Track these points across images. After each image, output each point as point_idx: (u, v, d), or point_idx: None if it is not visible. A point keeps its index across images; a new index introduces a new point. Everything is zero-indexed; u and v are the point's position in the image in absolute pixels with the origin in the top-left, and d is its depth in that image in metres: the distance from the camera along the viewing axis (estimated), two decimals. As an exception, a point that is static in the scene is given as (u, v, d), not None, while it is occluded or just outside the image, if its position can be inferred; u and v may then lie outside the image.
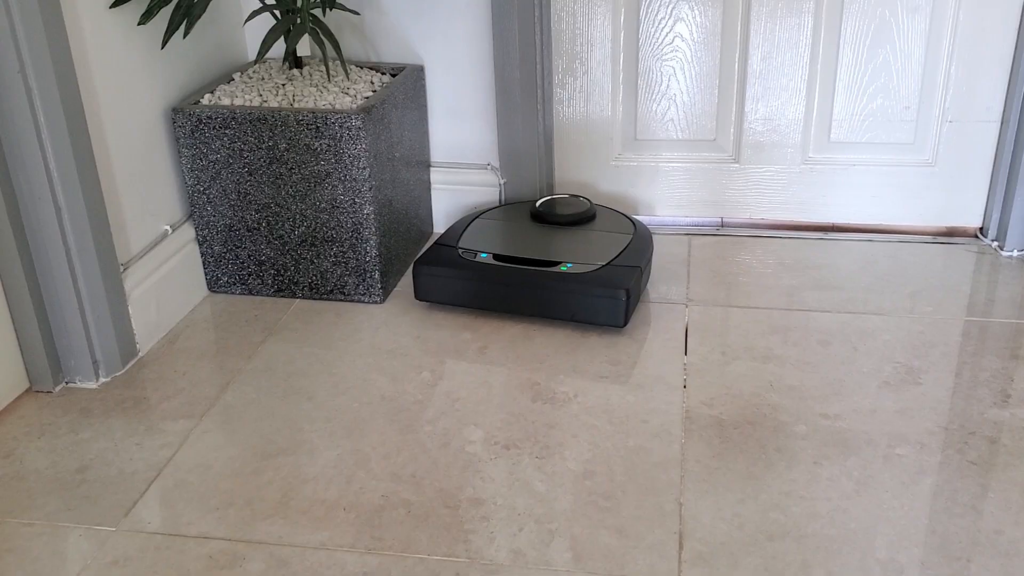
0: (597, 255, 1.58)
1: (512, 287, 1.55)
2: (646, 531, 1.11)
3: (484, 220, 1.73)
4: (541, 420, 1.32)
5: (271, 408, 1.36)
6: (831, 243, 1.83)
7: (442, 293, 1.60)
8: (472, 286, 1.58)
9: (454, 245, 1.64)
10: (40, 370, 1.40)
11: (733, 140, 1.87)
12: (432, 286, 1.60)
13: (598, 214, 1.72)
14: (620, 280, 1.51)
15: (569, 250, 1.60)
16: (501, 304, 1.58)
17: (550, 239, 1.64)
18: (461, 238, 1.66)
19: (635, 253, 1.59)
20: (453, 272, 1.58)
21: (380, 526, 1.13)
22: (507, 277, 1.55)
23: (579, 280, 1.52)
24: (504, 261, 1.58)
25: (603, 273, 1.53)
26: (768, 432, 1.28)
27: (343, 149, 1.53)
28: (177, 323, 1.60)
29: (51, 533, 1.14)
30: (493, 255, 1.59)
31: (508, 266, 1.56)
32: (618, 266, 1.54)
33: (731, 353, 1.47)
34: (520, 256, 1.58)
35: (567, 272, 1.53)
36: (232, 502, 1.18)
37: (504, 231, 1.68)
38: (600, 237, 1.64)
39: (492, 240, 1.65)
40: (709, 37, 1.79)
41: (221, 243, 1.64)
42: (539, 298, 1.54)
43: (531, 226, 1.70)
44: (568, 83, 1.86)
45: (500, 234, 1.67)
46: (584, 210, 1.71)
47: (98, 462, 1.26)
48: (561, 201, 1.75)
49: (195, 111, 1.55)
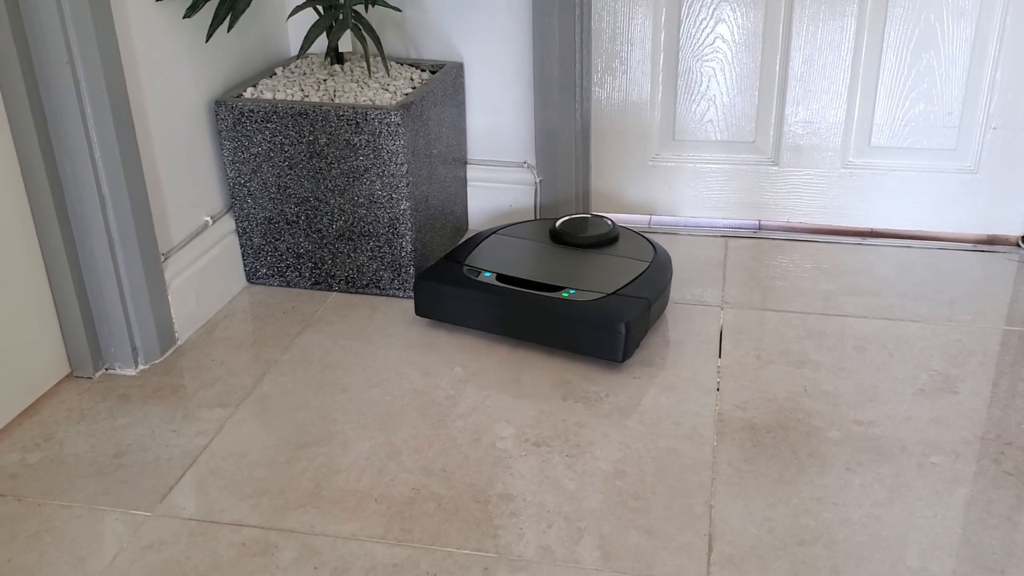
0: (605, 283, 1.48)
1: (510, 310, 1.47)
2: (675, 532, 1.11)
3: (501, 236, 1.65)
4: (572, 419, 1.32)
5: (306, 399, 1.38)
6: (869, 248, 1.82)
7: (441, 311, 1.53)
8: (470, 306, 1.50)
9: (461, 261, 1.56)
10: (81, 356, 1.42)
11: (772, 142, 1.86)
12: (431, 303, 1.54)
13: (620, 237, 1.63)
14: (621, 312, 1.41)
15: (577, 275, 1.51)
16: (499, 327, 1.49)
17: (562, 262, 1.55)
18: (471, 254, 1.58)
19: (647, 283, 1.49)
20: (453, 290, 1.51)
21: (410, 518, 1.14)
22: (505, 300, 1.47)
23: (578, 309, 1.43)
24: (507, 282, 1.50)
25: (606, 303, 1.43)
26: (801, 437, 1.27)
27: (382, 145, 1.54)
28: (216, 313, 1.62)
29: (88, 516, 1.16)
30: (497, 275, 1.51)
31: (508, 288, 1.48)
32: (625, 296, 1.45)
33: (765, 357, 1.46)
34: (524, 278, 1.50)
35: (568, 299, 1.44)
36: (266, 490, 1.19)
37: (517, 250, 1.60)
38: (615, 263, 1.55)
39: (501, 259, 1.57)
40: (750, 39, 1.79)
41: (260, 235, 1.66)
42: (536, 324, 1.45)
43: (547, 246, 1.61)
44: (607, 82, 1.86)
45: (512, 253, 1.59)
46: (604, 232, 1.61)
47: (135, 448, 1.28)
48: (582, 221, 1.66)
49: (237, 104, 1.57)
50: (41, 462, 1.25)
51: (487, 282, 1.51)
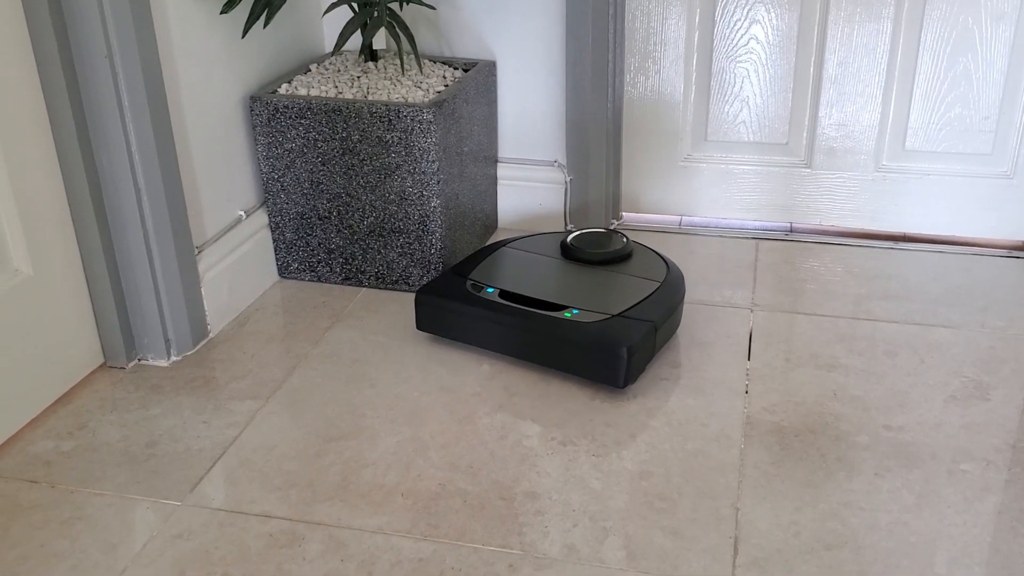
0: (612, 303, 1.41)
1: (510, 329, 1.41)
2: (701, 534, 1.11)
3: (510, 249, 1.59)
4: (599, 418, 1.32)
5: (335, 393, 1.39)
6: (901, 253, 1.80)
7: (442, 326, 1.49)
8: (470, 323, 1.45)
9: (466, 275, 1.51)
10: (114, 346, 1.44)
11: (805, 145, 1.85)
12: (431, 317, 1.49)
13: (633, 254, 1.56)
14: (624, 336, 1.34)
15: (583, 294, 1.44)
16: (499, 345, 1.44)
17: (569, 279, 1.49)
18: (477, 268, 1.53)
19: (655, 305, 1.42)
20: (454, 305, 1.46)
21: (436, 513, 1.15)
22: (505, 317, 1.41)
23: (580, 330, 1.36)
24: (509, 299, 1.44)
25: (609, 325, 1.37)
26: (829, 441, 1.27)
27: (413, 142, 1.55)
28: (247, 306, 1.64)
29: (120, 504, 1.17)
30: (500, 291, 1.46)
31: (510, 305, 1.42)
32: (630, 318, 1.37)
33: (795, 360, 1.45)
34: (528, 295, 1.44)
35: (570, 319, 1.38)
36: (294, 483, 1.20)
37: (526, 264, 1.54)
38: (624, 281, 1.48)
39: (507, 273, 1.51)
40: (785, 40, 1.78)
41: (293, 230, 1.68)
42: (537, 344, 1.40)
43: (556, 262, 1.54)
44: (640, 82, 1.86)
45: (520, 267, 1.53)
46: (616, 249, 1.55)
47: (167, 438, 1.30)
48: (595, 236, 1.59)
49: (272, 100, 1.58)
50: (74, 450, 1.27)
51: (489, 298, 1.45)
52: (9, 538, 1.12)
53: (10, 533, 1.12)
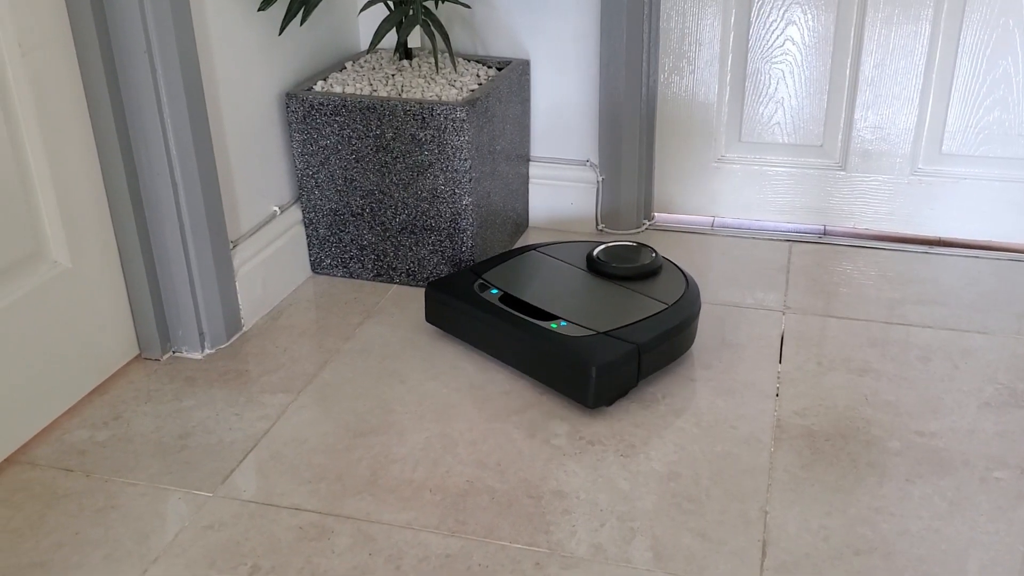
0: (605, 320, 1.37)
1: (498, 332, 1.41)
2: (729, 536, 1.11)
3: (538, 254, 1.57)
4: (628, 419, 1.32)
5: (365, 388, 1.40)
6: (936, 257, 1.78)
7: (446, 322, 1.50)
8: (468, 322, 1.45)
9: (480, 274, 1.51)
10: (150, 338, 1.46)
11: (840, 147, 1.84)
12: (437, 312, 1.50)
13: (657, 272, 1.50)
14: (598, 355, 1.29)
15: (582, 307, 1.41)
16: (490, 348, 1.44)
17: (579, 290, 1.46)
18: (494, 269, 1.52)
19: (649, 327, 1.35)
20: (456, 302, 1.46)
21: (464, 510, 1.15)
22: (496, 321, 1.40)
23: (559, 343, 1.33)
24: (508, 303, 1.43)
25: (589, 342, 1.32)
26: (860, 446, 1.26)
27: (446, 140, 1.56)
28: (281, 301, 1.65)
29: (153, 494, 1.19)
30: (504, 294, 1.45)
31: (504, 310, 1.41)
32: (614, 337, 1.32)
33: (827, 364, 1.44)
34: (527, 301, 1.42)
35: (555, 331, 1.35)
36: (324, 476, 1.21)
37: (543, 271, 1.52)
38: (632, 299, 1.42)
39: (520, 278, 1.49)
40: (821, 42, 1.76)
41: (326, 226, 1.69)
42: (520, 351, 1.38)
43: (576, 272, 1.51)
44: (674, 82, 1.85)
45: (536, 273, 1.51)
46: (639, 265, 1.50)
47: (199, 430, 1.31)
48: (623, 250, 1.54)
49: (308, 97, 1.59)
50: (109, 440, 1.29)
51: (489, 300, 1.44)
52: (45, 525, 1.14)
53: (46, 520, 1.14)
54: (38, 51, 1.22)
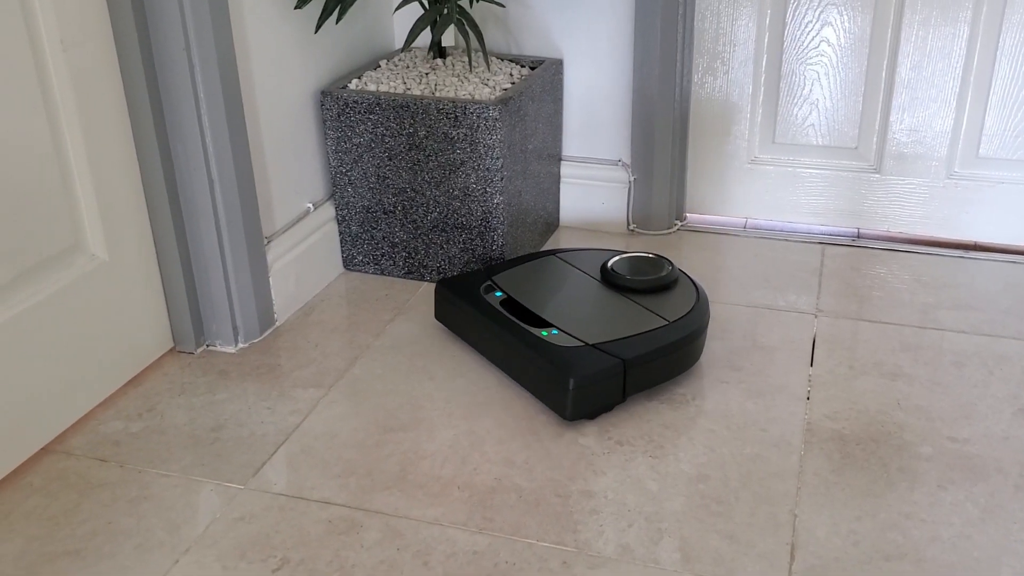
0: (598, 331, 1.34)
1: (491, 335, 1.40)
2: (758, 539, 1.10)
3: (557, 259, 1.55)
4: (657, 420, 1.32)
5: (395, 384, 1.41)
6: (971, 262, 1.76)
7: (450, 320, 1.50)
8: (467, 322, 1.46)
9: (491, 275, 1.50)
10: (184, 332, 1.48)
11: (875, 150, 1.82)
12: (444, 309, 1.51)
13: (669, 286, 1.45)
14: (579, 367, 1.27)
15: (579, 317, 1.38)
16: (485, 350, 1.44)
17: (584, 300, 1.43)
18: (506, 271, 1.51)
19: (644, 343, 1.32)
20: (460, 301, 1.46)
21: (492, 507, 1.15)
22: (490, 323, 1.40)
23: (544, 351, 1.31)
24: (509, 306, 1.42)
25: (574, 353, 1.29)
26: (891, 451, 1.25)
27: (479, 139, 1.56)
28: (313, 297, 1.66)
29: (185, 485, 1.21)
30: (507, 298, 1.44)
31: (500, 313, 1.41)
32: (603, 351, 1.29)
33: (858, 368, 1.43)
34: (526, 307, 1.41)
35: (543, 339, 1.33)
36: (353, 471, 1.22)
37: (555, 277, 1.50)
38: (635, 313, 1.39)
39: (528, 282, 1.48)
40: (857, 43, 1.75)
41: (358, 223, 1.70)
42: (508, 356, 1.38)
43: (588, 281, 1.48)
44: (708, 82, 1.84)
45: (548, 279, 1.49)
46: (650, 279, 1.45)
47: (232, 423, 1.33)
48: (638, 263, 1.50)
49: (342, 95, 1.61)
50: (143, 431, 1.31)
51: (491, 302, 1.43)
52: (80, 513, 1.16)
53: (81, 509, 1.16)
54: (79, 48, 1.24)
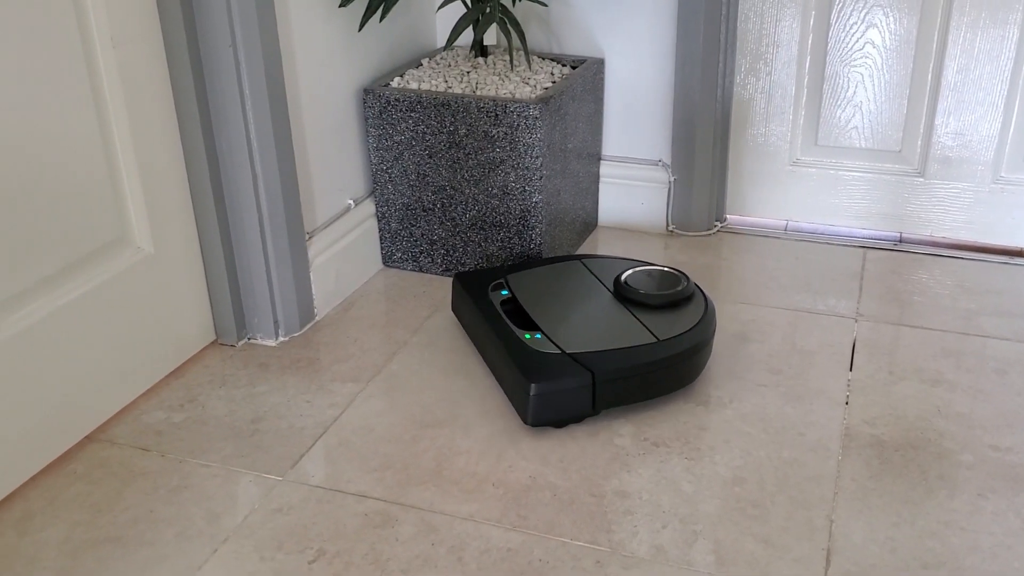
0: (582, 341, 1.31)
1: (483, 333, 1.40)
2: (793, 543, 1.10)
3: (578, 264, 1.52)
4: (693, 422, 1.31)
5: (431, 381, 1.42)
6: (1016, 268, 1.73)
7: (460, 313, 1.51)
8: (470, 317, 1.46)
9: (505, 273, 1.50)
10: (226, 325, 1.50)
11: (920, 153, 1.80)
12: (456, 303, 1.52)
13: (672, 304, 1.40)
14: (545, 375, 1.25)
15: (571, 324, 1.36)
16: (479, 347, 1.44)
17: (583, 308, 1.40)
18: (522, 271, 1.51)
19: (623, 358, 1.28)
20: (467, 296, 1.46)
21: (526, 505, 1.16)
22: (484, 321, 1.39)
23: (517, 352, 1.30)
24: (507, 306, 1.42)
25: (546, 359, 1.28)
26: (931, 458, 1.23)
27: (519, 137, 1.57)
28: (352, 292, 1.68)
29: (224, 476, 1.22)
30: (511, 297, 1.43)
31: (495, 311, 1.40)
32: (577, 361, 1.27)
33: (899, 373, 1.42)
34: (524, 308, 1.40)
35: (524, 342, 1.31)
36: (390, 465, 1.23)
37: (568, 282, 1.47)
38: (629, 327, 1.35)
39: (538, 285, 1.47)
40: (902, 45, 1.73)
41: (398, 220, 1.71)
42: (491, 355, 1.38)
43: (599, 290, 1.45)
44: (750, 83, 1.83)
45: (558, 283, 1.47)
46: (654, 294, 1.40)
47: (271, 415, 1.34)
48: (653, 277, 1.45)
49: (384, 93, 1.62)
50: (184, 422, 1.33)
51: (492, 300, 1.43)
52: (122, 501, 1.18)
53: (123, 497, 1.19)
54: (129, 45, 1.27)
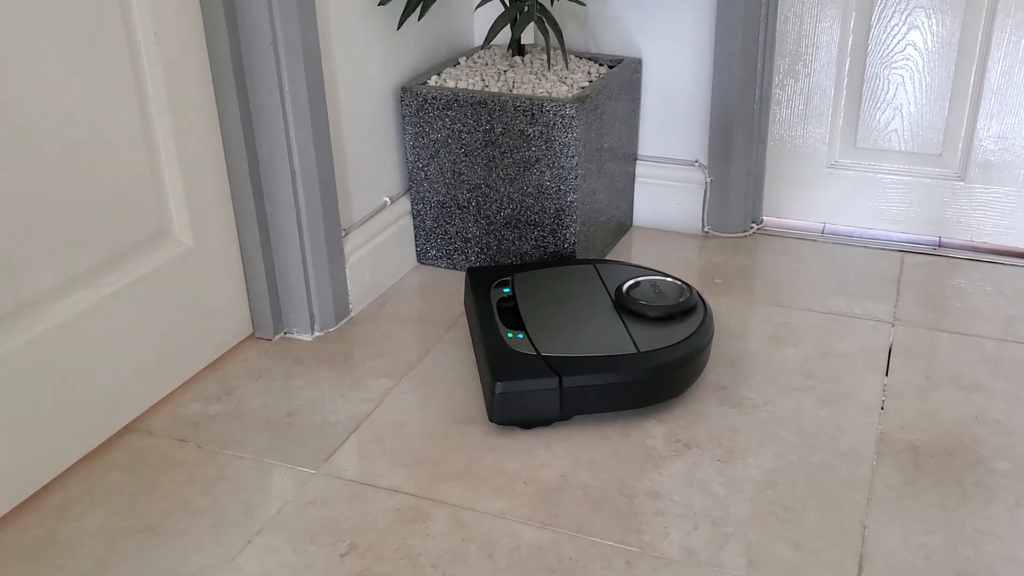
0: (561, 345, 1.31)
1: (473, 328, 1.41)
2: (825, 548, 1.09)
3: (591, 267, 1.51)
4: (726, 424, 1.31)
5: (463, 378, 1.42)
6: (1060, 275, 1.71)
7: (465, 307, 1.54)
8: (470, 311, 1.46)
9: (513, 271, 1.51)
10: (263, 319, 1.52)
11: (960, 157, 1.78)
12: (465, 297, 1.54)
13: (666, 318, 1.36)
14: (511, 375, 1.25)
15: (558, 328, 1.35)
16: (472, 342, 1.44)
17: (577, 313, 1.39)
18: (532, 271, 1.51)
19: (594, 366, 1.28)
20: (471, 292, 1.48)
21: (557, 504, 1.16)
22: (475, 316, 1.40)
23: (493, 351, 1.30)
24: (503, 304, 1.42)
25: (517, 359, 1.28)
26: (967, 465, 1.22)
27: (555, 136, 1.57)
28: (387, 289, 1.69)
29: (259, 468, 1.24)
30: (510, 296, 1.44)
31: (490, 308, 1.41)
32: (546, 363, 1.27)
33: (935, 379, 1.40)
34: (518, 307, 1.40)
35: (503, 340, 1.32)
36: (422, 461, 1.24)
37: (574, 285, 1.47)
38: (615, 336, 1.33)
39: (542, 286, 1.47)
40: (944, 47, 1.71)
41: (433, 218, 1.72)
42: (475, 350, 1.39)
43: (599, 296, 1.43)
44: (788, 84, 1.82)
45: (564, 286, 1.47)
46: (652, 305, 1.38)
47: (306, 409, 1.36)
48: (657, 289, 1.42)
49: (422, 91, 1.63)
50: (220, 414, 1.35)
51: (491, 297, 1.44)
52: (158, 491, 1.20)
53: (159, 487, 1.21)
54: (172, 41, 1.28)
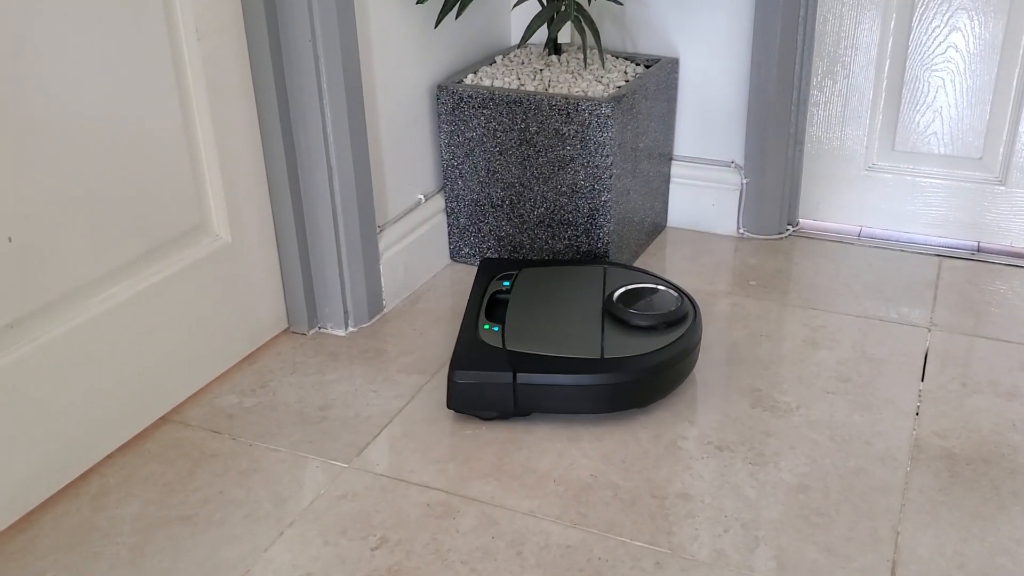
0: (531, 342, 1.31)
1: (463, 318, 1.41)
2: (857, 553, 1.08)
3: (598, 270, 1.50)
4: (759, 427, 1.30)
5: (496, 376, 1.43)
6: (1103, 282, 1.68)
7: None
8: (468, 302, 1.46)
9: (521, 267, 1.52)
10: (298, 313, 1.53)
11: (1001, 161, 1.75)
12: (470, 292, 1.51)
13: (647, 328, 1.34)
14: (470, 365, 1.28)
15: (535, 325, 1.35)
16: None
17: (564, 312, 1.39)
18: (540, 268, 1.51)
19: (552, 366, 1.27)
20: (475, 282, 1.49)
21: (587, 503, 1.16)
22: (468, 307, 1.42)
23: (463, 340, 1.33)
24: (498, 295, 1.44)
25: (482, 350, 1.30)
26: (1004, 473, 1.20)
27: (590, 136, 1.57)
28: (420, 286, 1.70)
29: (292, 461, 1.25)
30: (507, 289, 1.45)
31: (481, 299, 1.42)
32: (510, 358, 1.28)
33: (972, 385, 1.39)
34: (503, 302, 1.42)
35: (481, 331, 1.34)
36: (452, 457, 1.25)
37: (576, 285, 1.46)
38: (588, 339, 1.32)
39: (545, 283, 1.46)
40: (987, 50, 1.68)
41: (467, 216, 1.73)
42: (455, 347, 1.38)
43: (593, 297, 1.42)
44: (827, 86, 1.81)
45: (566, 284, 1.46)
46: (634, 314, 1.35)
47: (339, 403, 1.37)
48: (644, 298, 1.39)
49: (458, 89, 1.64)
50: (255, 407, 1.36)
51: (490, 289, 1.45)
52: (193, 481, 1.21)
53: (194, 477, 1.22)
54: (213, 37, 1.30)
